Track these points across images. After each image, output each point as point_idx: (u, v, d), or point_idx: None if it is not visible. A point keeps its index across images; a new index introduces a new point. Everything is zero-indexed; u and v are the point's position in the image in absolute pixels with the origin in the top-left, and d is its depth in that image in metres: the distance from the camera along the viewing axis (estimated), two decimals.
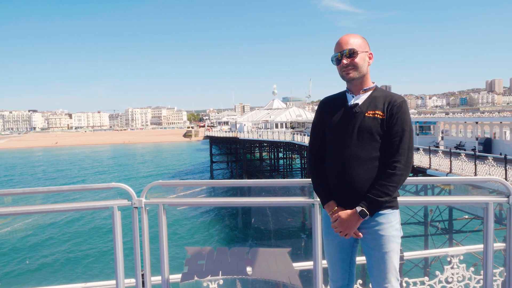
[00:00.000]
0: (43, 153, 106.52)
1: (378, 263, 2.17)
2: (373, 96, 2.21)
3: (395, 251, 2.18)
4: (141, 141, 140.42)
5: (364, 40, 2.24)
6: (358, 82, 2.23)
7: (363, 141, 2.13)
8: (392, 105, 2.13)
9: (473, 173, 15.73)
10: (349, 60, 2.17)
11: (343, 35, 2.23)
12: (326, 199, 2.27)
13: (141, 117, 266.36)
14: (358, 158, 2.14)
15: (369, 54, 2.24)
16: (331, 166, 2.24)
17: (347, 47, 2.17)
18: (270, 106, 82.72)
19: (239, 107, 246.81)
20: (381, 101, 2.17)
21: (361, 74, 2.21)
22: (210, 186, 33.51)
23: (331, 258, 2.35)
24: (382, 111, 2.14)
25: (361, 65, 2.19)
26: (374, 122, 2.13)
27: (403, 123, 2.11)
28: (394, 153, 2.09)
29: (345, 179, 2.16)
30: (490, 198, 2.57)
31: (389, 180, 2.08)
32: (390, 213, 2.18)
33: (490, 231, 2.53)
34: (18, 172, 66.60)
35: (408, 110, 2.17)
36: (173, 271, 2.84)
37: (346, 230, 2.14)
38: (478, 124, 25.49)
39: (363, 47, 2.20)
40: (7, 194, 2.66)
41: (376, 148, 2.14)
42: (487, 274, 2.55)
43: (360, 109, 2.18)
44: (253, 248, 2.68)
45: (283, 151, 54.62)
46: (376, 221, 2.16)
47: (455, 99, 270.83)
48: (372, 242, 2.18)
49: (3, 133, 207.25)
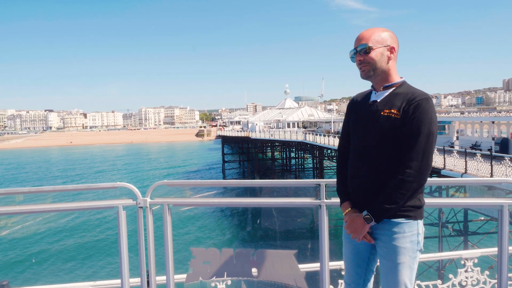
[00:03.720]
0: (58, 152, 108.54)
1: (387, 274, 2.05)
2: (394, 93, 2.04)
3: (406, 265, 2.00)
4: (154, 140, 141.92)
5: (386, 33, 2.06)
6: (379, 78, 2.08)
7: (377, 142, 2.01)
8: (410, 103, 1.94)
9: (489, 174, 15.40)
10: (363, 56, 2.03)
11: (362, 31, 2.08)
12: (341, 200, 2.23)
13: (154, 117, 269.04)
14: (370, 159, 2.04)
15: (389, 48, 2.04)
16: (349, 167, 2.18)
17: (360, 43, 2.04)
18: (282, 106, 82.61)
19: (251, 107, 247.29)
20: (400, 99, 1.99)
21: (379, 70, 2.06)
22: (216, 186, 33.60)
23: (347, 261, 2.28)
24: (398, 110, 1.96)
25: (378, 60, 2.03)
26: (388, 122, 1.97)
27: (420, 124, 1.91)
28: (405, 157, 1.93)
29: (357, 181, 2.10)
30: (505, 200, 2.48)
31: (397, 187, 1.92)
32: (404, 223, 2.00)
33: (505, 234, 2.44)
34: (32, 170, 68.02)
35: (431, 109, 1.94)
36: (178, 271, 2.82)
37: (355, 233, 2.07)
38: (494, 123, 24.97)
39: (380, 41, 2.03)
40: (13, 193, 2.67)
41: (389, 151, 1.99)
42: (502, 278, 2.46)
43: (377, 107, 2.04)
44: (259, 249, 2.65)
45: (295, 151, 54.52)
46: (388, 229, 2.03)
47: (471, 98, 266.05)
48: (383, 250, 2.07)
49: (21, 132, 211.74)
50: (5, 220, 25.76)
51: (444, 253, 4.68)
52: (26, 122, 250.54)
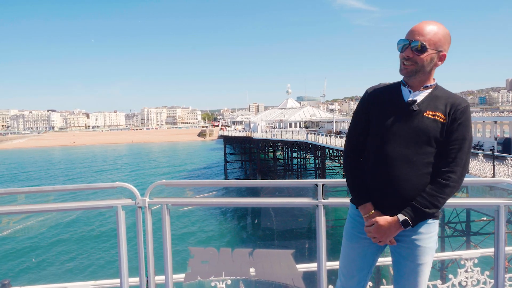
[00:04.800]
0: (60, 152, 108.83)
1: (409, 274, 1.99)
2: (434, 94, 1.95)
3: (428, 264, 2.01)
4: (156, 140, 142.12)
5: (445, 36, 1.90)
6: (418, 79, 1.96)
7: (417, 144, 1.90)
8: (456, 108, 1.88)
9: (491, 174, 15.37)
10: (413, 54, 1.88)
11: (423, 22, 1.90)
12: (362, 199, 2.02)
13: (157, 117, 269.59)
14: (410, 161, 1.91)
15: (441, 54, 1.91)
16: (374, 165, 2.00)
17: (418, 39, 1.86)
18: (284, 106, 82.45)
19: (253, 107, 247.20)
20: (442, 102, 1.91)
21: (422, 73, 1.93)
22: (215, 186, 33.63)
23: (350, 264, 2.16)
24: (444, 114, 1.89)
25: (425, 64, 1.89)
26: (433, 125, 1.89)
27: (466, 131, 1.88)
28: (450, 162, 1.88)
29: (390, 181, 1.94)
30: (501, 200, 2.48)
31: (441, 191, 1.87)
32: (431, 223, 1.99)
33: (502, 233, 2.45)
34: (35, 170, 68.22)
35: (471, 116, 1.94)
36: (177, 271, 2.84)
37: (383, 237, 1.95)
38: (497, 123, 24.90)
39: (437, 44, 1.88)
40: (15, 193, 2.70)
41: (431, 153, 1.91)
42: (498, 278, 2.47)
43: (419, 107, 1.92)
44: (257, 249, 2.66)
45: (297, 151, 54.45)
46: (416, 230, 1.97)
47: (474, 98, 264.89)
48: (406, 252, 1.99)
49: (23, 133, 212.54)
50: (6, 220, 25.86)
51: (444, 253, 4.68)
52: (29, 122, 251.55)
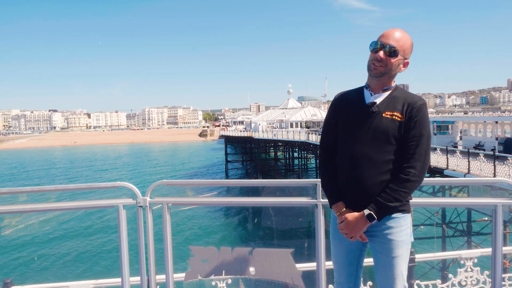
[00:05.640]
0: (61, 152, 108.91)
1: (385, 268, 2.11)
2: (392, 96, 2.10)
3: (403, 257, 2.10)
4: (157, 140, 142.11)
5: (411, 45, 2.10)
6: (381, 81, 2.11)
7: (378, 143, 2.04)
8: (412, 107, 2.02)
9: (492, 174, 15.34)
10: (385, 56, 2.03)
11: (394, 28, 2.08)
12: (334, 199, 2.17)
13: (158, 117, 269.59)
14: (372, 159, 2.05)
15: (406, 61, 2.10)
16: (341, 165, 2.15)
17: (391, 43, 2.02)
18: (285, 106, 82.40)
19: (254, 107, 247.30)
20: (400, 102, 2.06)
21: (388, 75, 2.09)
22: (215, 186, 33.64)
23: (338, 261, 2.29)
24: (401, 113, 2.03)
25: (393, 68, 2.06)
26: (392, 124, 2.03)
27: (422, 128, 2.01)
28: (409, 158, 2.00)
29: (355, 180, 2.08)
30: (499, 200, 2.50)
31: (402, 185, 1.99)
32: (400, 217, 2.10)
33: (499, 234, 2.46)
34: (36, 170, 68.26)
35: (428, 113, 2.07)
36: (177, 270, 2.86)
37: (352, 232, 2.07)
38: (498, 123, 24.84)
39: (406, 52, 2.06)
40: (17, 193, 2.72)
41: (391, 151, 2.04)
42: (496, 278, 2.48)
43: (378, 108, 2.07)
44: (256, 248, 2.68)
45: (298, 151, 54.40)
46: (386, 224, 2.08)
47: (475, 98, 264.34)
48: (380, 246, 2.12)
49: (25, 132, 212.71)
50: (8, 219, 25.91)
51: (444, 253, 4.69)
52: (31, 122, 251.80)
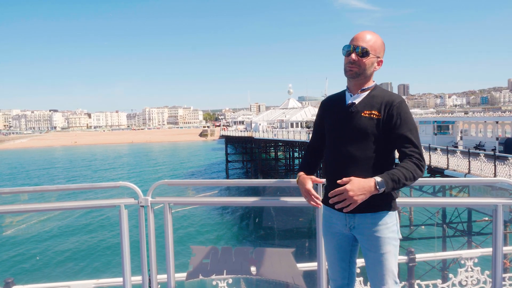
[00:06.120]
0: (62, 152, 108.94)
1: (374, 265, 2.14)
2: (370, 95, 2.16)
3: (391, 253, 2.13)
4: (158, 140, 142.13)
5: (382, 45, 2.16)
6: (358, 82, 2.17)
7: (358, 141, 2.10)
8: (391, 105, 2.07)
9: (493, 174, 15.34)
10: (358, 58, 2.10)
11: (364, 31, 2.15)
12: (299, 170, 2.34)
13: (158, 117, 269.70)
14: (354, 157, 2.10)
15: (379, 60, 2.16)
16: (328, 166, 2.23)
17: (361, 45, 2.09)
18: (286, 106, 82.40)
19: (254, 107, 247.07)
20: (378, 101, 2.11)
21: (363, 76, 2.15)
22: (215, 186, 33.71)
23: (330, 257, 2.34)
24: (379, 111, 2.09)
25: (367, 68, 2.12)
26: (370, 122, 2.09)
27: (408, 122, 2.06)
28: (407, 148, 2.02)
29: (340, 177, 2.06)
30: (499, 200, 2.50)
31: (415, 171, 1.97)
32: (385, 215, 2.13)
33: (500, 233, 2.47)
34: (37, 170, 68.29)
35: (408, 108, 2.12)
36: (179, 269, 2.87)
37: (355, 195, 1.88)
38: (498, 123, 24.85)
39: (377, 51, 2.13)
40: (18, 192, 2.73)
41: (371, 149, 2.09)
42: (496, 278, 2.49)
43: (356, 108, 2.14)
44: (257, 248, 2.69)
45: (299, 151, 54.39)
46: (372, 222, 2.12)
47: (476, 98, 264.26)
48: (368, 244, 2.15)
49: (25, 132, 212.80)
50: (10, 219, 25.95)
51: (444, 253, 4.69)
52: (31, 122, 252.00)
